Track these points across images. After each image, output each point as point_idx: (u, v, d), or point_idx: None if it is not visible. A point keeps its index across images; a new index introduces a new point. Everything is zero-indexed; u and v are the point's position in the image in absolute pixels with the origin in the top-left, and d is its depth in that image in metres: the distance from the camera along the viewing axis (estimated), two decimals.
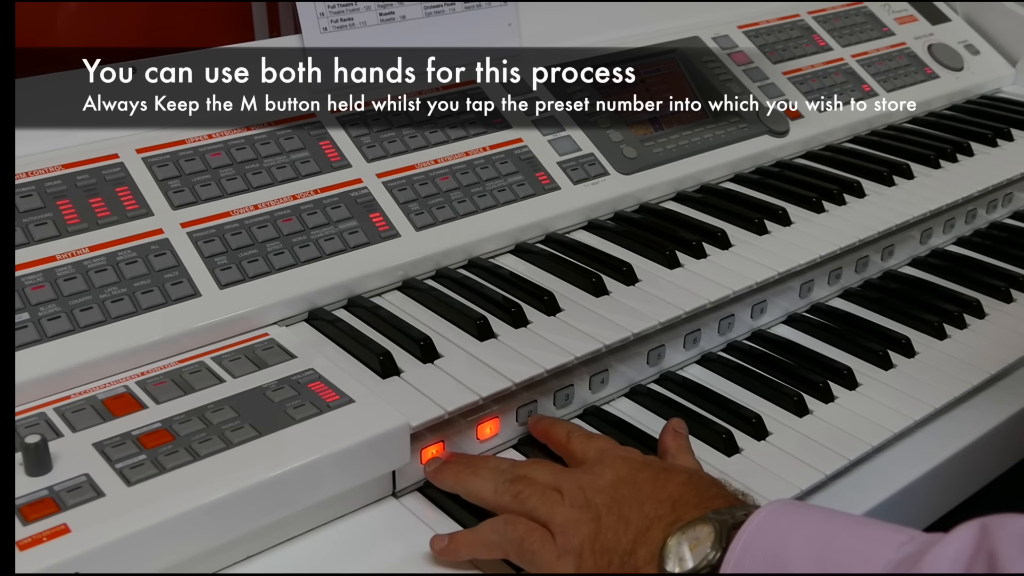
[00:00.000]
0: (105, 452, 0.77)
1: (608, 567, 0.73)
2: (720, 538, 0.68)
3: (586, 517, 0.75)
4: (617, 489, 0.77)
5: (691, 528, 0.70)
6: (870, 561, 0.63)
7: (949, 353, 1.11)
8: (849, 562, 0.64)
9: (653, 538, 0.72)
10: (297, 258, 0.99)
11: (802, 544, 0.66)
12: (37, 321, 0.86)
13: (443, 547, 0.79)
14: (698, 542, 0.69)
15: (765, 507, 0.70)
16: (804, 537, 0.66)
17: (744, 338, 1.13)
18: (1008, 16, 1.76)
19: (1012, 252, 1.34)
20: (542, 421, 0.93)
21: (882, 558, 0.63)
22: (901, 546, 0.64)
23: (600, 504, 0.76)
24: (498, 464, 0.84)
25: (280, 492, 0.77)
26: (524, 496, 0.78)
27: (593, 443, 0.85)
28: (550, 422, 0.92)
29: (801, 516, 0.69)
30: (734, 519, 0.69)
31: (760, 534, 0.68)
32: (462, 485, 0.83)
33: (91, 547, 0.69)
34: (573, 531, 0.75)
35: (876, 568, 0.63)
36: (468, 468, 0.84)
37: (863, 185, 1.30)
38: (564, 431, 0.89)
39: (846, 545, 0.65)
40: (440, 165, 1.13)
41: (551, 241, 1.15)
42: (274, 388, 0.85)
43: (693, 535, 0.70)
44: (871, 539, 0.65)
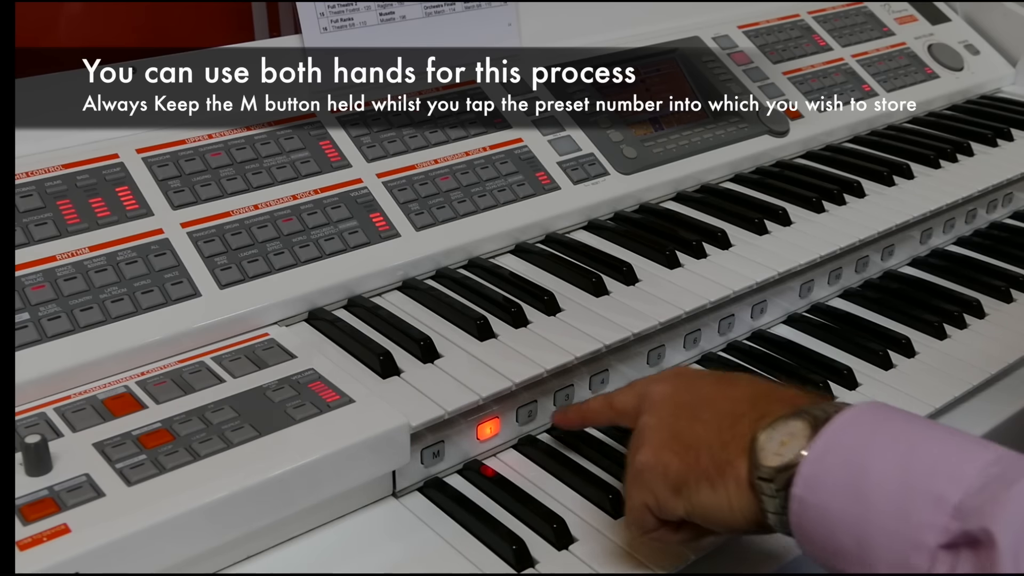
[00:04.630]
0: (105, 452, 0.77)
1: (698, 462, 0.72)
2: (813, 433, 0.67)
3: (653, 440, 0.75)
4: (678, 396, 0.76)
5: (783, 423, 0.69)
6: (954, 478, 0.61)
7: (949, 353, 1.11)
8: (931, 475, 0.62)
9: (741, 431, 0.71)
10: (297, 258, 0.99)
11: (885, 448, 0.65)
12: (37, 321, 0.86)
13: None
14: (792, 437, 0.68)
15: (854, 407, 0.68)
16: (888, 442, 0.65)
17: (744, 338, 1.13)
18: (1008, 16, 1.76)
19: (1012, 252, 1.34)
20: (568, 413, 0.91)
21: (967, 477, 0.61)
22: (988, 467, 0.62)
23: (664, 415, 0.75)
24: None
25: (280, 492, 0.77)
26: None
27: (634, 386, 0.84)
28: (577, 409, 0.90)
29: (888, 420, 0.67)
30: (825, 414, 0.68)
31: (844, 433, 0.66)
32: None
33: (91, 547, 0.69)
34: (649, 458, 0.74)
35: (960, 486, 0.61)
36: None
37: (863, 185, 1.30)
38: (598, 402, 0.87)
39: (930, 456, 0.63)
40: (440, 165, 1.13)
41: (551, 241, 1.15)
42: (274, 388, 0.85)
43: (786, 430, 0.68)
44: (957, 454, 0.63)
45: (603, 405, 0.87)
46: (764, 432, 0.69)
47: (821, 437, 0.66)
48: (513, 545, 0.80)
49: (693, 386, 0.78)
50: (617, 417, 0.85)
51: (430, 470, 0.89)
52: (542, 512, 0.84)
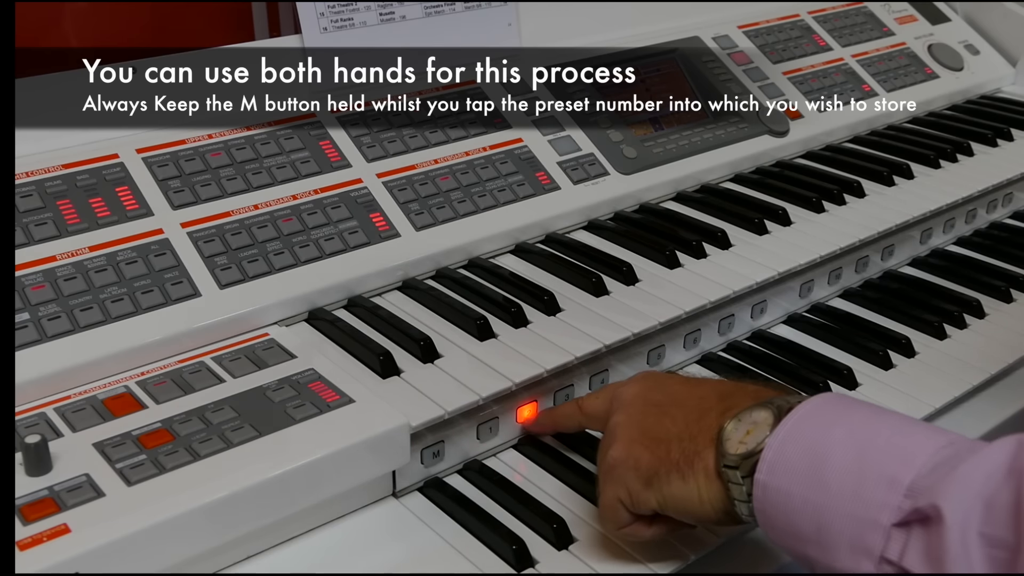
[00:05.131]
0: (105, 452, 0.77)
1: (668, 454, 0.74)
2: (777, 423, 0.70)
3: (624, 436, 0.77)
4: (647, 395, 0.79)
5: (747, 413, 0.72)
6: (907, 461, 0.65)
7: (949, 353, 1.11)
8: (886, 460, 0.65)
9: (708, 424, 0.73)
10: (297, 258, 0.99)
11: (843, 436, 0.68)
12: (37, 321, 0.86)
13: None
14: (755, 426, 0.71)
15: (815, 398, 0.72)
16: (846, 429, 0.68)
17: (744, 338, 1.13)
18: (1008, 16, 1.76)
19: (1012, 252, 1.34)
20: (540, 419, 0.93)
21: (919, 459, 0.64)
22: (939, 450, 0.65)
23: (634, 413, 0.77)
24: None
25: (280, 492, 0.77)
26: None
27: (604, 390, 0.88)
28: (548, 414, 0.93)
29: (847, 410, 0.70)
30: (788, 404, 0.71)
31: (805, 422, 0.69)
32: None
33: (91, 547, 0.69)
34: (620, 453, 0.76)
35: (912, 468, 0.64)
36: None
37: (863, 185, 1.30)
38: (569, 407, 0.90)
39: (886, 442, 0.66)
40: (440, 165, 1.13)
41: (551, 241, 1.15)
42: (274, 388, 0.85)
43: (750, 419, 0.72)
44: (910, 439, 0.66)
45: (573, 409, 0.89)
46: (730, 423, 0.72)
47: (783, 425, 0.69)
48: (513, 545, 0.80)
49: (662, 386, 0.80)
50: (587, 421, 0.88)
51: (430, 470, 0.89)
52: (542, 512, 0.84)
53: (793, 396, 0.73)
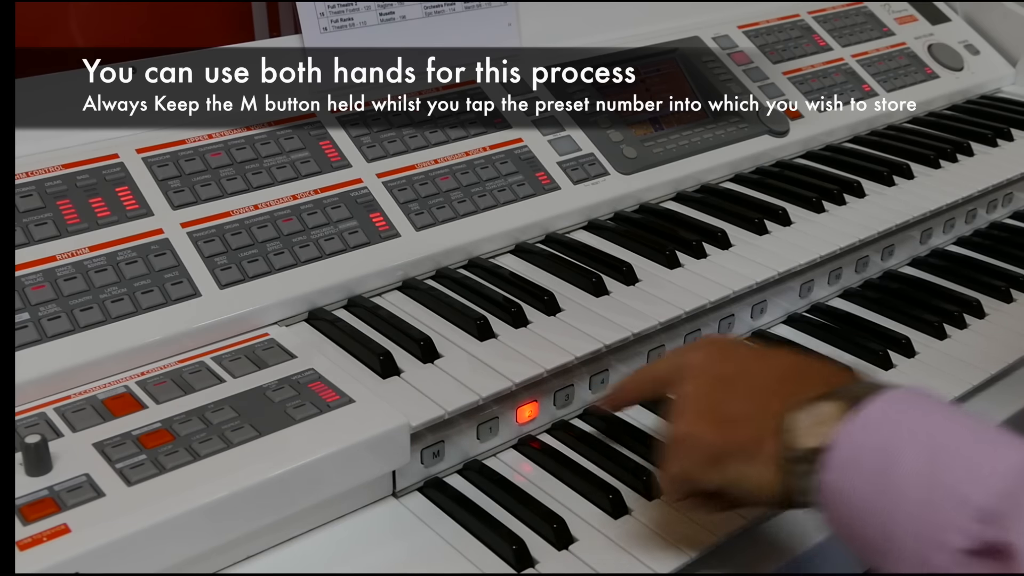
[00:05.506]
0: (105, 452, 0.77)
1: (734, 435, 0.72)
2: (845, 416, 0.67)
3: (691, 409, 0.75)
4: (716, 366, 0.77)
5: (815, 406, 0.69)
6: (979, 479, 0.61)
7: (949, 353, 1.11)
8: (956, 475, 0.62)
9: (774, 409, 0.71)
10: (297, 258, 0.99)
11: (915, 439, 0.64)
12: (37, 321, 0.86)
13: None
14: (822, 420, 0.68)
15: (887, 392, 0.67)
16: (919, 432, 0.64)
17: (744, 338, 1.13)
18: (1008, 16, 1.76)
19: (1012, 252, 1.34)
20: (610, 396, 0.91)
21: (991, 478, 0.61)
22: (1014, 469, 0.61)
23: (702, 385, 0.76)
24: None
25: (280, 492, 0.77)
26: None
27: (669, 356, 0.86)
28: (618, 388, 0.90)
29: (920, 408, 0.66)
30: (859, 394, 0.68)
31: (877, 419, 0.66)
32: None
33: (91, 547, 0.69)
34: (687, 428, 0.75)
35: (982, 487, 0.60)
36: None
37: (863, 185, 1.30)
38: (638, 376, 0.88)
39: (958, 453, 0.63)
40: (440, 165, 1.13)
41: (551, 241, 1.15)
42: (274, 388, 0.85)
43: (816, 412, 0.69)
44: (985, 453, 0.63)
45: (643, 377, 0.87)
46: (796, 413, 0.69)
47: (854, 423, 0.66)
48: (513, 545, 0.80)
49: (729, 356, 0.79)
50: (657, 387, 0.84)
51: (430, 470, 0.89)
52: (542, 512, 0.84)
53: (863, 386, 0.69)
